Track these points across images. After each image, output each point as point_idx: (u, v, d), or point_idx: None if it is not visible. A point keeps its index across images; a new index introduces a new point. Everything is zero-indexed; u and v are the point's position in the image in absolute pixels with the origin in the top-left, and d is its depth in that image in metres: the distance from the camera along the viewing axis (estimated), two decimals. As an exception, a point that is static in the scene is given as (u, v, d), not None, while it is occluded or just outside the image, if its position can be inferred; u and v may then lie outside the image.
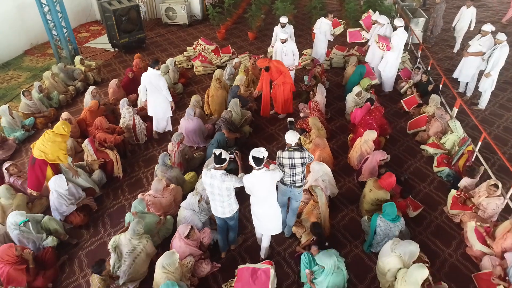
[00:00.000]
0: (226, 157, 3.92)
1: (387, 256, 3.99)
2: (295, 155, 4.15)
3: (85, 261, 4.65)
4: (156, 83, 6.21)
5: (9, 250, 4.04)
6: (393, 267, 3.92)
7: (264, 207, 4.13)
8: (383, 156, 5.34)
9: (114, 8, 9.45)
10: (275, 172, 3.95)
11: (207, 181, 4.02)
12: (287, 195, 4.47)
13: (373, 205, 4.94)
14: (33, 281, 4.19)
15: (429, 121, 6.56)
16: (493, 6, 13.65)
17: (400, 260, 3.88)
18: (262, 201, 4.09)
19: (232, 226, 4.46)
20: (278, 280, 4.30)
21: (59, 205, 4.89)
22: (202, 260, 4.35)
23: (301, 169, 4.21)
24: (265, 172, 3.87)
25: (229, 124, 6.25)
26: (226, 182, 3.93)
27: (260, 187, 3.96)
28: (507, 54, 6.78)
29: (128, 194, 5.60)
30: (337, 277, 3.74)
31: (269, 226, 4.28)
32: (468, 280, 4.31)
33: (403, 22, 7.49)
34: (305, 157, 4.19)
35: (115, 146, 6.01)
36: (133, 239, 4.20)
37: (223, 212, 4.20)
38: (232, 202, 4.18)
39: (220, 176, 3.93)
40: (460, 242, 4.75)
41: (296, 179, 4.27)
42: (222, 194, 4.03)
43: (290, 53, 7.27)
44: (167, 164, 5.33)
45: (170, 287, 3.57)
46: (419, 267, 3.63)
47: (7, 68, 9.51)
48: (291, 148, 4.19)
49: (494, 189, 4.72)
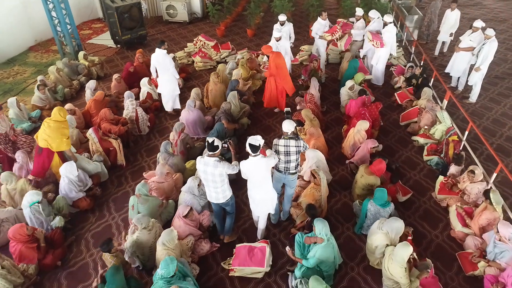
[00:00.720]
0: (218, 145, 4.09)
1: (375, 234, 4.26)
2: (290, 143, 4.37)
3: (91, 241, 4.92)
4: (163, 62, 6.70)
5: (20, 229, 4.31)
6: (380, 243, 4.19)
7: (260, 192, 4.36)
8: (374, 144, 5.61)
9: (117, 6, 9.71)
10: (270, 159, 4.17)
11: (201, 167, 4.19)
12: (282, 181, 4.70)
13: (364, 190, 5.21)
14: (43, 259, 4.46)
15: (421, 113, 6.82)
16: (487, 5, 13.92)
17: (387, 237, 4.15)
18: (258, 186, 4.32)
19: (229, 211, 4.62)
20: (274, 258, 4.56)
21: (69, 190, 5.16)
22: (201, 240, 4.62)
23: (295, 157, 4.44)
24: (261, 159, 4.11)
25: (228, 115, 6.52)
26: (219, 168, 4.08)
27: (256, 172, 4.20)
28: (495, 49, 7.03)
29: (131, 181, 5.86)
30: (327, 248, 3.99)
31: (265, 207, 4.53)
32: (453, 259, 4.58)
33: (392, 18, 7.78)
34: (300, 145, 4.40)
35: (118, 137, 6.28)
36: (151, 232, 4.37)
37: (217, 198, 4.37)
38: (226, 188, 4.34)
39: (213, 163, 4.09)
40: (446, 225, 5.02)
41: (290, 166, 4.50)
42: (215, 181, 4.19)
43: (283, 51, 7.36)
44: (169, 152, 5.60)
45: (169, 263, 3.74)
46: (404, 245, 3.89)
47: (13, 64, 9.78)
48: (287, 136, 4.42)
49: (471, 174, 5.00)
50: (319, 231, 4.00)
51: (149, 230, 4.40)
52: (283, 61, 6.77)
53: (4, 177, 5.14)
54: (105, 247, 4.19)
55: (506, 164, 6.07)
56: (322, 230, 4.00)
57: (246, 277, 4.40)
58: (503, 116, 7.31)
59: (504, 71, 8.99)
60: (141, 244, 4.36)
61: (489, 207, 4.57)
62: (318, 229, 4.01)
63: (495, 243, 4.22)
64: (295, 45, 10.11)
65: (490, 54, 7.03)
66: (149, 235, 4.37)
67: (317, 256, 3.96)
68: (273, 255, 4.55)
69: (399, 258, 3.87)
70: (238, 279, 4.41)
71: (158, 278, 3.75)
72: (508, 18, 12.49)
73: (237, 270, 4.38)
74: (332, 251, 4.07)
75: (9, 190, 5.18)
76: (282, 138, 4.44)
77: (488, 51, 7.02)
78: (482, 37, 7.35)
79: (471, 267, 4.34)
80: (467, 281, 4.34)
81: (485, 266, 4.23)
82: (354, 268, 4.52)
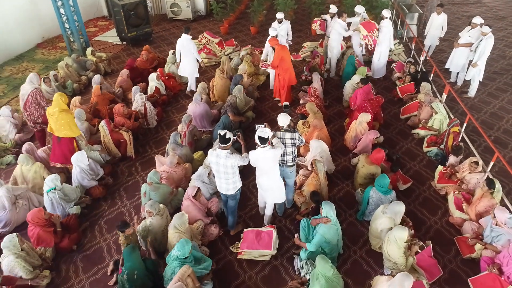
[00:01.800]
0: (230, 137, 4.26)
1: (379, 218, 4.48)
2: (286, 136, 4.60)
3: (105, 227, 5.13)
4: (187, 46, 7.47)
5: (38, 213, 4.52)
6: (385, 227, 4.42)
7: (268, 180, 4.57)
8: (376, 135, 5.82)
9: (123, 3, 9.92)
10: (277, 149, 4.36)
11: (213, 159, 4.35)
12: (280, 174, 4.78)
13: (365, 179, 5.42)
14: (60, 243, 4.67)
15: (420, 107, 7.03)
16: (487, 2, 14.10)
17: (391, 220, 4.36)
18: (266, 173, 4.54)
19: (232, 207, 4.72)
20: (280, 242, 4.77)
21: (81, 179, 5.39)
22: (211, 224, 4.83)
23: (291, 149, 4.65)
24: (269, 150, 4.31)
25: (234, 108, 6.72)
26: (231, 160, 4.26)
27: (264, 162, 4.42)
28: (492, 45, 7.24)
29: (141, 171, 6.08)
30: (329, 228, 4.20)
31: (272, 195, 4.71)
32: (451, 243, 4.79)
33: (389, 13, 8.00)
34: (295, 138, 4.61)
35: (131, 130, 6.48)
36: (162, 216, 4.59)
37: (227, 189, 4.52)
38: (237, 179, 4.52)
39: (226, 155, 4.25)
40: (445, 211, 5.23)
41: (287, 158, 4.72)
42: (227, 172, 4.36)
43: None
44: (178, 142, 5.80)
45: (185, 244, 3.95)
46: (400, 228, 4.14)
47: (21, 60, 9.99)
48: (282, 129, 4.65)
49: (475, 165, 5.23)
50: (326, 212, 4.21)
51: (161, 216, 4.61)
52: (287, 54, 7.06)
53: (21, 159, 5.41)
54: (121, 226, 4.45)
55: (504, 155, 6.29)
56: (330, 211, 4.22)
57: (253, 260, 4.61)
58: (501, 110, 7.51)
59: (503, 67, 9.19)
60: (153, 229, 4.57)
61: (486, 195, 4.77)
62: (326, 210, 4.23)
63: (491, 228, 4.43)
64: (297, 42, 10.37)
65: (487, 50, 7.24)
66: (161, 220, 4.59)
67: (321, 232, 4.16)
68: (279, 240, 4.76)
69: (397, 240, 4.09)
70: (246, 261, 4.62)
71: (173, 259, 3.95)
72: (507, 15, 12.68)
73: (245, 253, 4.59)
74: (336, 233, 4.28)
75: (23, 171, 5.42)
76: (278, 131, 4.67)
77: (485, 47, 7.23)
78: (480, 33, 7.55)
79: (469, 250, 4.56)
80: (464, 264, 4.55)
81: (481, 249, 4.44)
82: (357, 252, 4.73)
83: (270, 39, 7.07)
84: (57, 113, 5.32)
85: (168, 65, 8.51)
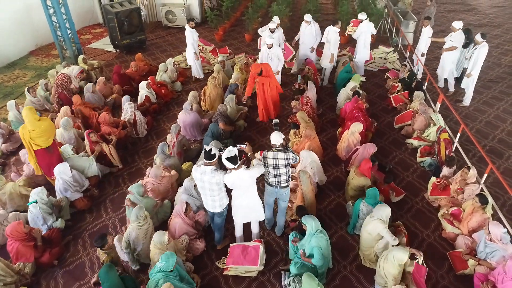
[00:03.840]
0: (215, 153, 4.05)
1: (368, 224, 4.38)
2: (279, 156, 4.26)
3: (88, 241, 4.99)
4: (186, 36, 8.17)
5: (18, 226, 4.37)
6: (377, 231, 4.31)
7: (248, 199, 4.28)
8: (375, 149, 5.66)
9: (116, 11, 9.87)
10: (253, 171, 4.06)
11: (198, 176, 4.14)
12: (274, 195, 4.59)
13: (356, 191, 5.29)
14: (40, 257, 4.53)
15: (414, 116, 6.92)
16: (483, 10, 14.09)
17: (381, 222, 4.26)
18: (244, 193, 4.23)
19: (218, 224, 4.55)
20: (268, 257, 4.63)
21: (65, 190, 5.25)
22: (196, 239, 4.69)
23: (285, 169, 4.34)
24: (244, 171, 4.01)
25: (225, 117, 6.61)
26: (216, 177, 4.03)
27: (240, 183, 4.11)
28: (485, 54, 7.20)
29: (129, 182, 5.94)
30: (321, 239, 4.06)
31: (255, 214, 4.47)
32: (444, 258, 4.65)
33: (365, 15, 8.33)
34: (289, 158, 4.28)
35: (117, 139, 6.36)
36: (141, 227, 4.42)
37: (213, 206, 4.32)
38: (223, 196, 4.29)
39: (210, 171, 4.04)
40: (438, 224, 5.09)
41: (281, 179, 4.40)
42: (212, 189, 4.14)
43: (275, 59, 7.44)
44: (166, 153, 5.68)
45: (169, 256, 3.83)
46: (400, 249, 3.93)
47: (13, 68, 9.92)
48: (275, 148, 4.32)
49: (466, 170, 5.09)
50: (310, 226, 4.09)
51: (140, 226, 4.42)
52: (269, 67, 6.96)
53: None
54: (99, 242, 4.26)
55: (498, 165, 6.17)
56: (313, 224, 4.08)
57: (240, 276, 4.46)
58: (496, 119, 7.41)
59: (498, 75, 9.11)
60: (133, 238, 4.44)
61: (478, 209, 4.63)
62: (309, 225, 4.09)
63: (486, 243, 4.29)
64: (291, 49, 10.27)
65: (480, 59, 7.19)
66: (139, 230, 4.41)
67: (315, 245, 4.01)
68: (267, 254, 4.62)
69: (396, 260, 3.93)
70: (232, 278, 4.47)
71: (156, 271, 3.82)
72: (503, 23, 12.65)
73: (231, 269, 4.45)
74: (328, 244, 4.14)
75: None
76: (271, 150, 4.35)
77: (478, 56, 7.18)
78: (462, 36, 7.57)
79: (462, 266, 4.41)
80: (457, 280, 4.41)
81: (475, 265, 4.30)
82: (347, 267, 4.58)
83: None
84: (37, 125, 5.10)
85: (160, 73, 8.42)
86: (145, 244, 4.44)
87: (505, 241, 4.17)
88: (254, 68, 6.87)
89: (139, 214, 4.43)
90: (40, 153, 5.28)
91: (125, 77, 8.40)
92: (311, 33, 8.32)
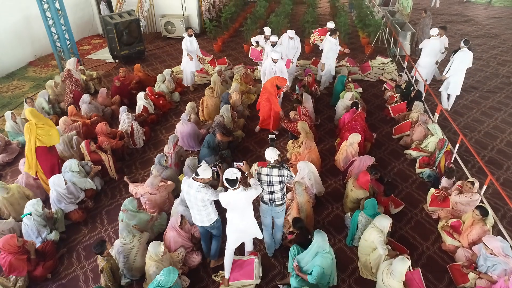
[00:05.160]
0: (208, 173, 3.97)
1: (367, 230, 4.37)
2: (273, 173, 4.13)
3: (83, 254, 4.91)
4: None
5: (11, 240, 4.29)
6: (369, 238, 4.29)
7: (243, 221, 4.09)
8: (371, 161, 5.62)
9: (115, 22, 9.93)
10: (250, 191, 3.91)
11: (185, 188, 4.06)
12: (269, 214, 4.44)
13: (355, 203, 5.24)
14: (33, 271, 4.44)
15: (413, 126, 6.90)
16: (480, 21, 14.21)
17: (378, 230, 4.23)
18: (240, 215, 4.05)
19: (215, 234, 4.43)
20: (265, 270, 4.55)
21: (58, 202, 5.19)
22: (192, 252, 4.61)
23: (279, 187, 4.19)
24: (240, 192, 3.86)
25: (223, 128, 6.59)
26: (202, 194, 3.94)
27: (236, 204, 3.95)
28: (463, 60, 7.40)
29: (125, 194, 5.87)
30: (326, 259, 3.98)
31: (249, 235, 4.31)
32: (444, 271, 4.57)
33: (333, 24, 8.67)
34: (283, 175, 4.14)
35: (114, 150, 6.32)
36: (126, 245, 4.38)
37: (201, 221, 4.20)
38: (210, 212, 4.17)
39: (197, 187, 3.95)
40: (437, 237, 5.02)
41: (275, 197, 4.25)
42: (197, 204, 4.05)
43: (279, 73, 7.28)
44: (163, 164, 5.63)
45: (171, 272, 3.74)
46: (401, 260, 3.87)
47: (12, 78, 9.92)
48: (269, 165, 4.18)
49: (470, 185, 5.02)
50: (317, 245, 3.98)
51: (123, 244, 4.38)
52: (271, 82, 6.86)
53: None
54: (98, 248, 4.17)
55: (498, 176, 6.13)
56: (320, 243, 3.98)
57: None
58: (495, 129, 7.39)
59: (496, 85, 9.13)
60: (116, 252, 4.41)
61: (478, 222, 4.57)
62: (317, 243, 3.98)
63: (487, 257, 4.21)
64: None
65: (455, 63, 7.48)
66: (122, 248, 4.37)
67: (319, 263, 3.92)
68: (264, 268, 4.55)
69: (397, 273, 3.86)
70: (229, 291, 4.39)
71: (155, 285, 3.72)
72: (499, 34, 12.74)
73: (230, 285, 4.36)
74: (331, 264, 4.06)
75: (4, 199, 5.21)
76: (265, 166, 4.22)
77: (454, 60, 7.53)
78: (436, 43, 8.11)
79: (462, 280, 4.33)
80: (458, 294, 4.33)
81: (475, 278, 4.22)
82: (346, 280, 4.50)
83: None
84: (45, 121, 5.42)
85: (158, 84, 8.43)
86: (127, 265, 4.37)
87: (506, 251, 4.09)
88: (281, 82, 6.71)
89: (129, 228, 4.37)
90: (41, 152, 5.40)
91: (124, 88, 8.37)
92: (293, 47, 8.41)
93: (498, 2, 17.31)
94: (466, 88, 8.91)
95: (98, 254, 4.21)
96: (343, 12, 12.87)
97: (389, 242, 4.61)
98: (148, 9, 12.36)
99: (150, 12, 12.62)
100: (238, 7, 13.73)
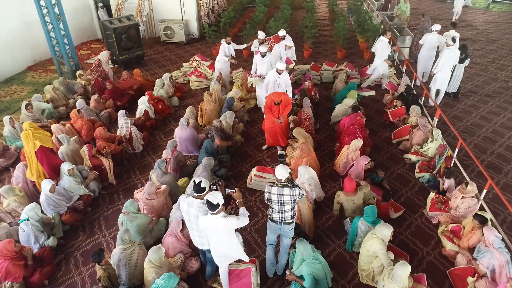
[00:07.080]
0: (205, 186, 3.69)
1: (369, 240, 4.30)
2: (284, 192, 3.89)
3: (80, 260, 4.87)
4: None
5: (8, 245, 4.26)
6: (371, 249, 4.22)
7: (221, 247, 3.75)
8: (367, 160, 5.63)
9: (115, 27, 9.95)
10: (231, 220, 3.51)
11: (184, 208, 3.82)
12: (277, 232, 4.21)
13: (355, 210, 5.21)
14: (30, 277, 4.40)
15: (412, 130, 6.89)
16: (478, 26, 14.28)
17: (380, 241, 4.17)
18: (218, 242, 3.71)
19: (210, 258, 4.10)
20: (264, 276, 4.51)
21: (48, 206, 5.16)
22: (191, 257, 4.58)
23: (290, 206, 3.96)
24: (219, 219, 3.48)
25: (221, 132, 6.57)
26: (203, 211, 3.66)
27: (213, 231, 3.62)
28: (449, 57, 7.55)
29: (123, 199, 5.84)
30: (313, 265, 3.95)
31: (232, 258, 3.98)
32: (444, 276, 4.54)
33: (284, 32, 8.59)
34: (295, 194, 3.91)
35: (113, 155, 6.30)
36: (126, 250, 4.30)
37: (201, 243, 3.96)
38: None
39: (198, 205, 3.70)
40: (437, 241, 4.99)
41: (285, 216, 4.01)
42: (198, 224, 3.76)
43: (283, 85, 6.95)
44: (163, 170, 5.61)
45: (172, 277, 3.70)
46: (402, 264, 3.82)
47: (10, 83, 9.92)
48: (280, 184, 3.94)
49: (464, 186, 5.00)
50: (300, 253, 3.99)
51: (123, 249, 4.29)
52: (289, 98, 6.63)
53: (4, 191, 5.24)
54: (95, 257, 4.13)
55: (497, 180, 6.11)
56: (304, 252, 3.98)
57: (235, 296, 4.33)
58: (494, 134, 7.38)
59: (495, 90, 9.14)
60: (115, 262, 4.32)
61: (477, 228, 4.54)
62: (300, 252, 4.00)
63: (479, 248, 4.30)
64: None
65: (442, 59, 7.62)
66: (122, 254, 4.26)
67: (306, 272, 3.91)
68: (262, 274, 4.50)
69: (398, 278, 3.83)
70: (228, 297, 4.34)
71: (155, 287, 3.68)
72: (498, 38, 12.79)
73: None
74: (321, 269, 4.03)
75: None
76: (275, 185, 3.96)
77: (441, 56, 7.68)
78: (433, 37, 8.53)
79: (462, 285, 4.30)
80: (459, 299, 4.29)
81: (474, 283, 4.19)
82: (345, 286, 4.46)
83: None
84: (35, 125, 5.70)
85: (156, 88, 8.42)
86: (128, 272, 4.28)
87: (497, 245, 4.09)
88: (276, 97, 6.37)
89: (123, 237, 4.32)
90: (43, 152, 5.52)
91: (117, 91, 8.40)
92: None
93: (496, 7, 17.42)
94: (465, 92, 8.93)
95: (96, 263, 4.17)
96: (342, 16, 12.93)
97: (389, 248, 4.56)
98: (147, 14, 12.40)
99: (149, 17, 12.66)
100: (237, 12, 13.78)
